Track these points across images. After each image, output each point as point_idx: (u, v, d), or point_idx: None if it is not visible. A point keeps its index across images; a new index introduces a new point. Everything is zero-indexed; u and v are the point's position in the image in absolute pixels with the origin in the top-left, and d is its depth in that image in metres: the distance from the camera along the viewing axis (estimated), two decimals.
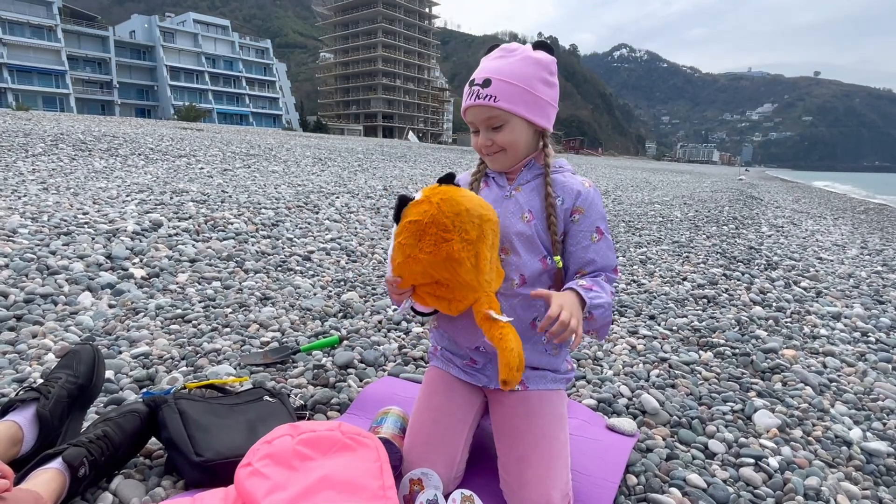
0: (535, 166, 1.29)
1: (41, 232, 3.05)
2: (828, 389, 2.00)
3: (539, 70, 1.21)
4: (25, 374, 1.66)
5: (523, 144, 1.25)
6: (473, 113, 1.22)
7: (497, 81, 1.17)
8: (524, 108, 1.19)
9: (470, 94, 1.21)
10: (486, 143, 1.24)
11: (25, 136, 8.83)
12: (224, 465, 1.08)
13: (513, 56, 1.21)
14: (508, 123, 1.20)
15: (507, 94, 1.17)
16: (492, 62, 1.22)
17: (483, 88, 1.18)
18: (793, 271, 3.97)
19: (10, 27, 50.53)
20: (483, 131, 1.23)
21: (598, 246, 1.24)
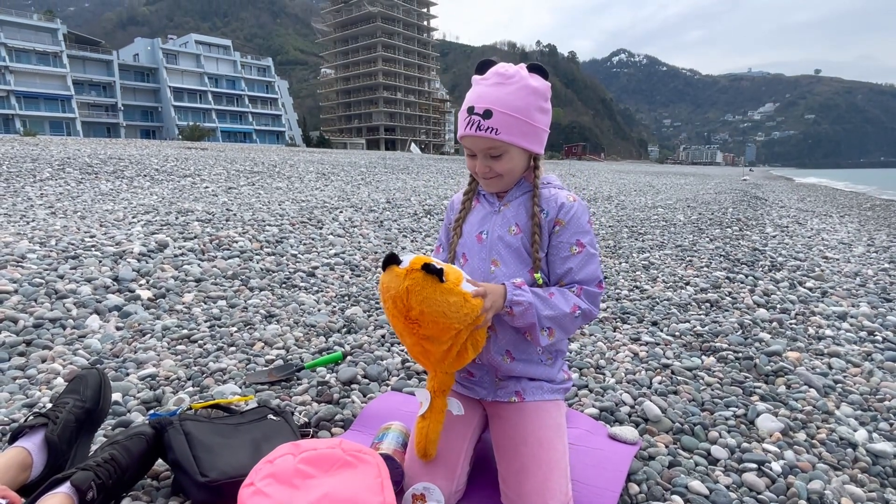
0: (525, 184, 1.33)
1: (49, 256, 3.10)
2: (833, 391, 1.99)
3: (536, 99, 1.24)
4: (35, 399, 1.69)
5: (521, 167, 1.30)
6: (473, 142, 1.25)
7: (498, 114, 1.19)
8: (522, 139, 1.23)
9: (470, 124, 1.22)
10: (484, 170, 1.27)
11: (33, 161, 8.96)
12: (229, 485, 1.10)
13: (511, 84, 1.21)
14: (507, 153, 1.24)
15: (508, 126, 1.20)
16: (490, 89, 1.22)
17: (484, 120, 1.20)
18: (798, 272, 3.96)
19: (17, 54, 51.40)
20: (481, 158, 1.26)
21: (577, 258, 1.25)
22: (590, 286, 1.25)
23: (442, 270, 1.04)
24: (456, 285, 1.06)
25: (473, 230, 1.36)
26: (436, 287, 1.03)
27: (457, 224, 1.40)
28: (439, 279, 1.03)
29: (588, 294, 1.25)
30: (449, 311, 1.04)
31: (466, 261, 1.36)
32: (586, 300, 1.24)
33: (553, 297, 1.21)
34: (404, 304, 1.04)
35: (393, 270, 1.07)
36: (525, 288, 1.20)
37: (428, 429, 1.16)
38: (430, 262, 1.04)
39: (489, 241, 1.32)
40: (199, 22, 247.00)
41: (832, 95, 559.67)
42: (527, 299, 1.17)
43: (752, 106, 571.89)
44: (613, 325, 2.70)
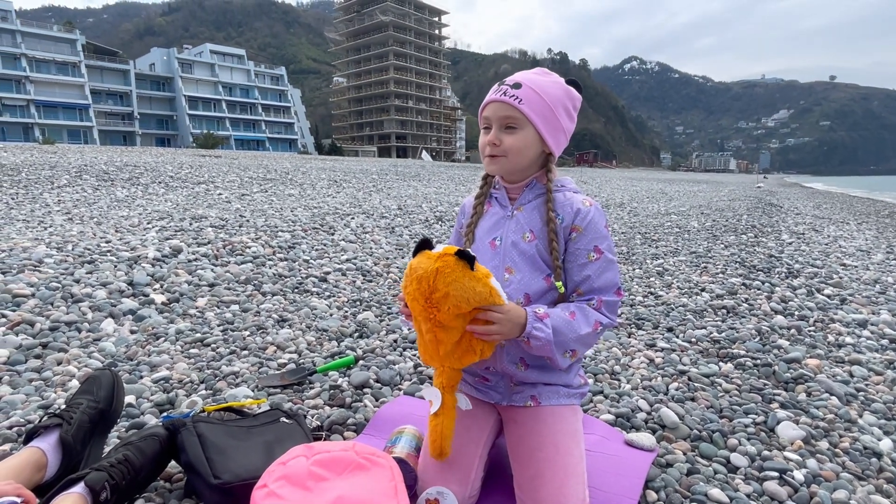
0: (538, 186, 1.30)
1: (66, 261, 3.13)
2: (855, 399, 1.94)
3: (567, 99, 1.25)
4: (50, 401, 1.70)
5: (528, 157, 1.25)
6: (494, 108, 1.23)
7: (527, 88, 1.20)
8: (542, 122, 1.21)
9: (497, 91, 1.22)
10: (493, 141, 1.23)
11: (51, 168, 9.11)
12: (242, 487, 1.09)
13: (548, 77, 1.25)
14: (522, 129, 1.21)
15: (533, 102, 1.19)
16: (527, 74, 1.25)
17: (512, 89, 1.20)
18: (815, 279, 3.89)
19: (37, 65, 52.53)
20: (496, 129, 1.23)
21: (595, 265, 1.22)
22: (608, 295, 1.22)
23: (474, 258, 1.05)
24: (486, 277, 1.07)
25: (486, 236, 1.33)
26: (466, 272, 1.04)
27: (468, 229, 1.36)
28: (470, 266, 1.04)
29: (608, 305, 1.22)
30: (473, 298, 1.05)
31: None
32: (607, 312, 1.21)
33: (575, 317, 1.17)
34: (430, 286, 1.04)
35: (425, 254, 1.08)
36: (547, 322, 1.14)
37: (442, 426, 1.14)
38: (464, 250, 1.05)
39: (503, 248, 1.28)
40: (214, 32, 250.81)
41: (848, 102, 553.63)
42: (546, 336, 1.13)
43: (766, 113, 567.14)
44: (628, 331, 2.67)
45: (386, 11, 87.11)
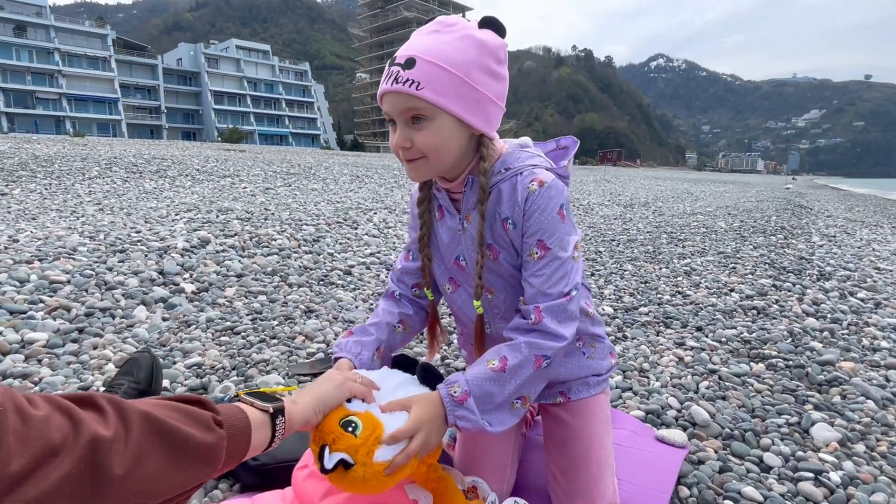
0: (478, 182, 1.02)
1: (98, 250, 3.21)
2: (892, 403, 1.89)
3: (482, 55, 0.92)
4: (89, 383, 1.74)
5: (454, 150, 0.97)
6: (391, 101, 0.93)
7: (424, 63, 0.89)
8: (457, 104, 0.91)
9: (388, 77, 0.92)
10: (402, 144, 0.94)
11: (82, 160, 9.34)
12: (279, 469, 1.11)
13: (449, 32, 0.93)
14: (434, 121, 0.92)
15: (436, 81, 0.89)
16: (421, 38, 0.93)
17: (404, 70, 0.89)
18: (848, 282, 3.80)
19: (70, 59, 53.87)
20: (401, 126, 0.94)
21: (537, 266, 0.98)
22: (552, 300, 0.96)
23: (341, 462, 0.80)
24: (367, 465, 0.81)
25: (448, 254, 1.12)
26: (339, 476, 0.81)
27: (422, 244, 1.13)
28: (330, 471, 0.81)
29: (551, 314, 0.96)
30: (366, 490, 0.84)
31: (457, 287, 1.14)
32: (550, 325, 0.95)
33: (507, 366, 0.93)
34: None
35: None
36: (469, 403, 0.91)
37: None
38: (326, 448, 0.82)
39: (471, 269, 1.08)
40: (240, 28, 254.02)
41: (884, 102, 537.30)
42: (473, 423, 0.91)
43: (797, 112, 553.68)
44: (656, 330, 2.64)
45: (410, 7, 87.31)
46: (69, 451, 0.44)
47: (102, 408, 0.50)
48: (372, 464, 0.80)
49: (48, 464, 0.42)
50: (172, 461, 0.53)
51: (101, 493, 0.45)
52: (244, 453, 0.66)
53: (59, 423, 0.45)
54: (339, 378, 0.90)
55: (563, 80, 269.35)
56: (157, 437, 0.52)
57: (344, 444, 0.81)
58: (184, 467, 0.54)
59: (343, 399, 0.87)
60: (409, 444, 0.85)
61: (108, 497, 0.46)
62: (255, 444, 0.69)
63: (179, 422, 0.55)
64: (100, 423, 0.48)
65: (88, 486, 0.44)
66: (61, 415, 0.46)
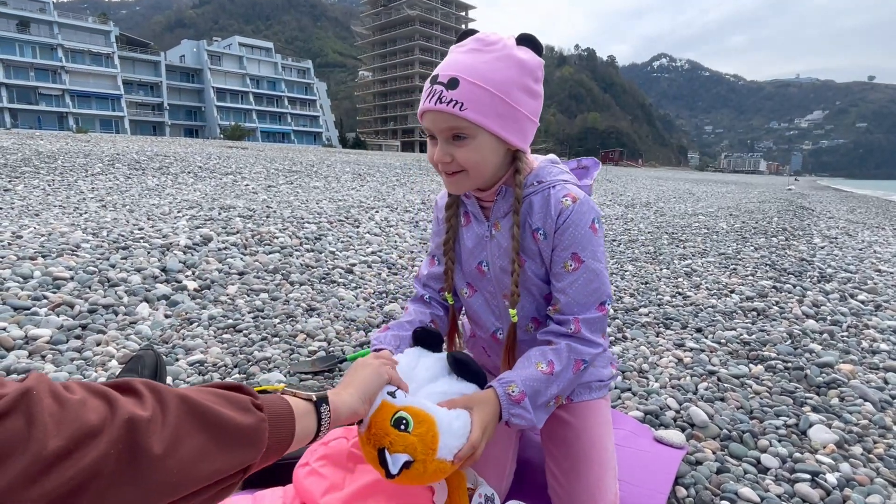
0: (510, 193, 1.06)
1: (101, 247, 3.23)
2: (890, 406, 1.90)
3: (520, 74, 0.96)
4: (92, 380, 1.76)
5: (490, 166, 1.01)
6: (432, 119, 0.97)
7: (466, 83, 0.92)
8: (497, 123, 0.95)
9: (430, 95, 0.95)
10: (443, 159, 0.98)
11: (85, 156, 9.36)
12: (281, 466, 1.11)
13: (490, 52, 0.95)
14: (474, 139, 0.96)
15: (478, 101, 0.93)
16: (463, 56, 0.96)
17: (448, 90, 0.93)
18: (849, 284, 3.80)
19: (73, 55, 53.91)
20: (442, 143, 0.98)
21: (572, 277, 1.02)
22: (589, 311, 1.02)
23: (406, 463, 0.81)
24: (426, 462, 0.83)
25: (471, 259, 1.15)
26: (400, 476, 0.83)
27: (447, 248, 1.17)
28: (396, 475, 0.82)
29: (589, 325, 1.02)
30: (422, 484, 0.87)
31: (475, 291, 1.18)
32: (588, 334, 1.02)
33: (553, 370, 0.99)
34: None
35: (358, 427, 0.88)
36: (525, 403, 0.96)
37: None
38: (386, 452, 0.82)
39: (493, 275, 1.12)
40: (243, 25, 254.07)
41: (887, 103, 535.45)
42: (528, 421, 0.97)
43: (800, 113, 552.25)
44: (656, 331, 2.65)
45: (413, 6, 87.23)
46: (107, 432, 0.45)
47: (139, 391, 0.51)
48: (432, 462, 0.82)
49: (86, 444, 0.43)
50: (213, 442, 0.53)
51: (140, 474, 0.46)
52: (289, 441, 0.66)
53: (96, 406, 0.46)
54: (375, 363, 0.90)
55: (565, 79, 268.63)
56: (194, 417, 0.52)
57: (402, 444, 0.82)
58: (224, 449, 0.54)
59: (383, 384, 0.88)
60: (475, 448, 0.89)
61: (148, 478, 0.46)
62: (301, 433, 0.68)
63: (217, 404, 0.56)
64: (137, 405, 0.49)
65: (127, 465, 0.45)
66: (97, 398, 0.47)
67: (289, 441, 0.66)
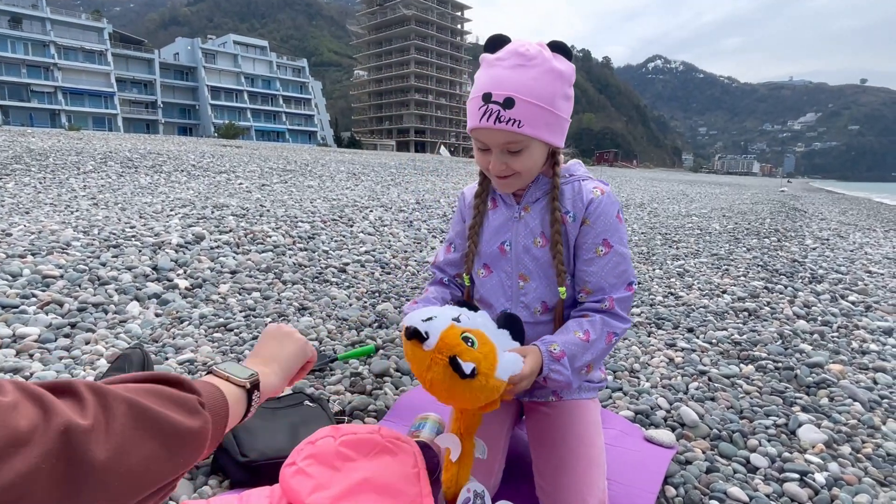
0: (544, 181, 1.18)
1: (92, 245, 3.20)
2: (878, 406, 1.91)
3: (561, 85, 1.06)
4: (80, 379, 1.74)
5: (538, 167, 1.15)
6: (490, 135, 1.06)
7: (521, 103, 1.01)
8: (547, 132, 1.06)
9: (487, 114, 1.03)
10: (500, 168, 1.09)
11: (77, 154, 9.30)
12: (268, 466, 1.12)
13: (533, 67, 1.03)
14: (528, 148, 1.07)
15: (532, 117, 1.02)
16: (510, 73, 1.03)
17: (505, 110, 1.01)
18: (839, 285, 3.83)
19: (65, 52, 53.53)
20: (498, 154, 1.08)
21: (603, 261, 1.12)
22: (619, 291, 1.13)
23: (474, 370, 0.88)
24: (489, 377, 0.91)
25: (494, 239, 1.23)
26: (464, 384, 0.89)
27: (472, 231, 1.26)
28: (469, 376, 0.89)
29: (620, 303, 1.13)
30: (477, 401, 0.94)
31: (490, 272, 1.24)
32: (620, 310, 1.13)
33: (590, 338, 1.09)
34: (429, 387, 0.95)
35: (417, 349, 0.91)
36: (564, 361, 1.06)
37: (458, 475, 1.06)
38: (458, 359, 0.88)
39: (514, 254, 1.19)
40: (238, 23, 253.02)
41: (879, 106, 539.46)
42: (565, 378, 1.06)
43: (793, 115, 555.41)
44: (648, 331, 2.66)
45: (409, 5, 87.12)
46: (38, 441, 0.40)
47: (80, 395, 0.47)
48: (493, 378, 0.92)
49: (13, 454, 0.38)
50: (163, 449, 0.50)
51: (80, 485, 0.42)
52: (223, 434, 0.64)
53: (28, 411, 0.41)
54: (301, 340, 0.93)
55: None
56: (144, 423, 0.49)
57: (469, 356, 0.89)
58: (173, 455, 0.52)
59: (304, 360, 0.93)
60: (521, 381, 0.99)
61: (90, 488, 0.43)
62: (231, 420, 0.67)
63: (166, 408, 0.52)
64: (76, 412, 0.44)
65: (64, 476, 0.41)
66: (31, 402, 0.42)
67: (222, 434, 0.64)
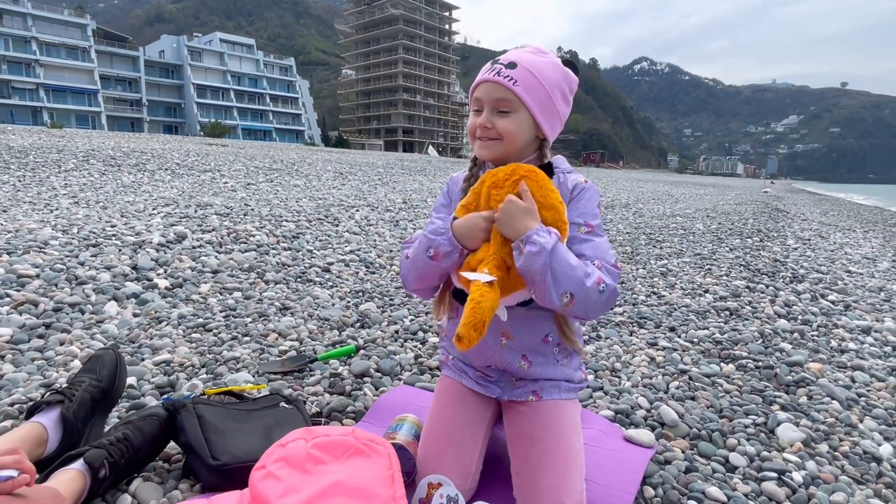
0: None
1: (71, 244, 3.14)
2: (856, 404, 1.93)
3: (563, 82, 1.19)
4: (53, 380, 1.70)
5: (522, 141, 1.18)
6: (486, 89, 1.16)
7: (523, 69, 1.13)
8: (538, 106, 1.15)
9: (489, 70, 1.16)
10: (485, 124, 1.16)
11: (59, 152, 9.14)
12: (240, 469, 1.09)
13: (545, 56, 1.18)
14: (517, 113, 1.15)
15: (529, 84, 1.13)
16: (523, 53, 1.18)
17: (507, 69, 1.14)
18: (820, 284, 3.88)
19: (48, 49, 52.64)
20: (487, 111, 1.16)
21: (588, 238, 1.15)
22: (609, 265, 1.13)
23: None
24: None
25: None
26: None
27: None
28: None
29: (608, 271, 1.11)
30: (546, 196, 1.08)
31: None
32: (608, 276, 1.10)
33: (577, 263, 1.06)
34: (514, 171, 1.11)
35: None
36: (554, 236, 1.04)
37: (492, 300, 1.00)
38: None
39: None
40: (224, 21, 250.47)
41: (859, 109, 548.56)
42: (543, 243, 1.01)
43: (776, 118, 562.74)
44: (630, 330, 2.67)
45: (396, 5, 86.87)
46: None
47: None
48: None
49: None
50: None
51: None
52: None
53: None
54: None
55: None
56: None
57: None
58: None
59: None
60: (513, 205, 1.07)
61: None
62: None
63: None
64: None
65: None
66: None
67: None
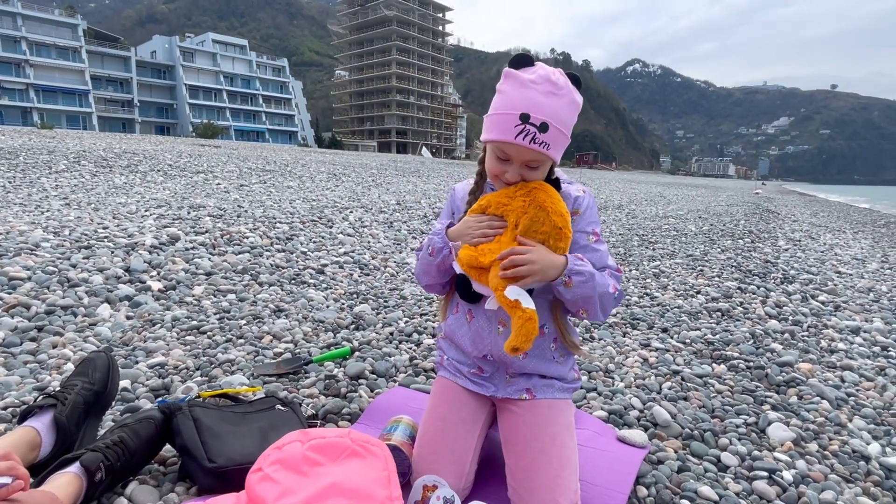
0: None
1: (63, 246, 3.13)
2: (845, 403, 1.96)
3: (576, 114, 1.22)
4: (45, 383, 1.70)
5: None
6: (519, 151, 1.16)
7: (553, 129, 1.14)
8: (560, 153, 1.20)
9: (523, 133, 1.12)
10: (515, 179, 1.21)
11: (49, 153, 9.07)
12: (236, 472, 1.09)
13: (562, 96, 1.16)
14: (544, 164, 1.20)
15: (557, 142, 1.16)
16: (544, 99, 1.14)
17: (540, 133, 1.12)
18: (810, 285, 3.92)
19: (38, 49, 52.18)
20: (518, 168, 1.19)
21: (595, 245, 1.25)
22: (613, 270, 1.25)
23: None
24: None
25: None
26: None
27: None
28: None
29: (615, 276, 1.24)
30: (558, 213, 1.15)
31: None
32: (616, 281, 1.23)
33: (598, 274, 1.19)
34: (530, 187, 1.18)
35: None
36: (586, 261, 1.18)
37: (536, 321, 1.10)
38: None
39: None
40: (217, 21, 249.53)
41: (848, 111, 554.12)
42: (588, 270, 1.16)
43: (767, 119, 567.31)
44: (623, 331, 2.69)
45: (390, 6, 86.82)
46: None
47: None
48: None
49: None
50: None
51: None
52: None
53: None
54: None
55: None
56: None
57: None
58: None
59: None
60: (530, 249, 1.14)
61: None
62: None
63: None
64: None
65: None
66: None
67: None
